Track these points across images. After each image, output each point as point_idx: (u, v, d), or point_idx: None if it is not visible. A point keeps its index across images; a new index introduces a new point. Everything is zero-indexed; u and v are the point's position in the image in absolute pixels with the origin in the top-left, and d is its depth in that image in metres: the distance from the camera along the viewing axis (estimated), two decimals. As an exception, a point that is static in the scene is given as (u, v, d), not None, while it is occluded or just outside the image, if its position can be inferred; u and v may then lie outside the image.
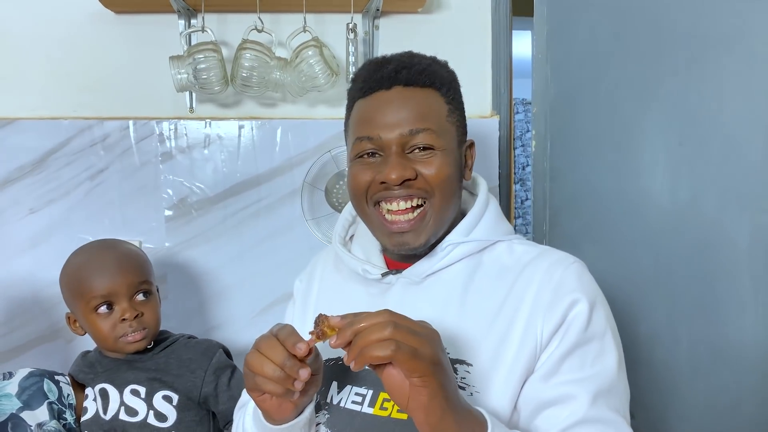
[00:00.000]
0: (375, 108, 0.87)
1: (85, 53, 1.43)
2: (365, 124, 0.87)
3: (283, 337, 0.73)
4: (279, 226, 1.44)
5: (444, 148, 0.87)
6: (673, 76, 1.34)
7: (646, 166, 1.37)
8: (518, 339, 0.82)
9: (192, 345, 1.21)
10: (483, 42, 1.46)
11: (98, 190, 1.42)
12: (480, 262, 0.90)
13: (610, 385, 0.80)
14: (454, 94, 0.92)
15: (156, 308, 1.16)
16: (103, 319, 1.11)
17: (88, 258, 1.15)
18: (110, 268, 1.12)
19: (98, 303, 1.11)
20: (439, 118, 0.87)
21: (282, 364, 0.71)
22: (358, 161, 0.89)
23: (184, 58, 1.30)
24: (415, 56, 0.90)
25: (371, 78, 0.89)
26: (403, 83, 0.87)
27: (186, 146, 1.44)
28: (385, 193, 0.86)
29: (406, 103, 0.86)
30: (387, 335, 0.65)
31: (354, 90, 0.93)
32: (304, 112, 1.45)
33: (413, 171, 0.85)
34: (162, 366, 1.16)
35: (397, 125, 0.85)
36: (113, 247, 1.18)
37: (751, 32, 1.29)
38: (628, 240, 1.39)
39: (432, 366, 0.67)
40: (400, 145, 0.85)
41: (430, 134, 0.85)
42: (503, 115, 1.45)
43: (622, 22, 1.36)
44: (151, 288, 1.16)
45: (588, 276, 0.87)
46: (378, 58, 0.92)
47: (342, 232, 1.03)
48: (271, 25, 1.37)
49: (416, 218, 0.86)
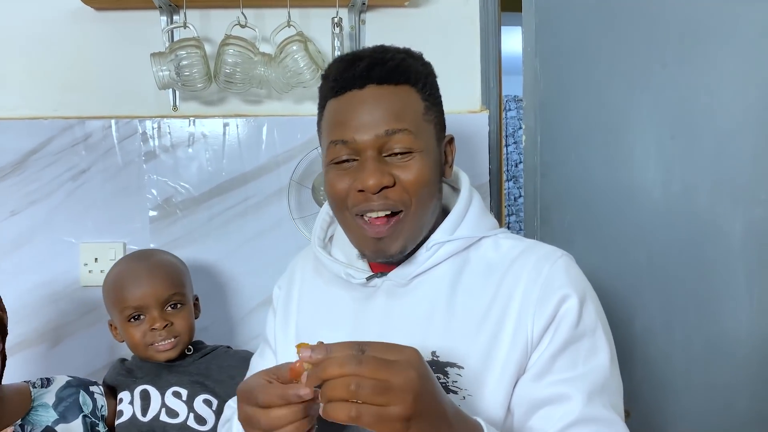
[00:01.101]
0: (348, 109, 0.83)
1: (65, 51, 1.41)
2: (339, 127, 0.83)
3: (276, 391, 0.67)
4: (266, 225, 1.42)
5: (422, 149, 0.83)
6: (663, 68, 1.33)
7: (637, 159, 1.36)
8: (509, 338, 0.80)
9: (232, 354, 1.24)
10: (471, 35, 1.44)
11: (81, 191, 1.40)
12: (467, 260, 0.88)
13: (603, 382, 0.78)
14: (431, 89, 0.88)
15: (188, 317, 1.18)
16: (134, 327, 1.15)
17: (122, 269, 1.18)
18: (141, 279, 1.15)
19: (130, 313, 1.14)
20: (415, 117, 0.83)
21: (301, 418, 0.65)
22: (334, 167, 0.85)
23: (166, 55, 1.27)
24: (388, 51, 0.86)
25: (342, 77, 0.84)
26: (377, 81, 0.83)
27: (170, 145, 1.41)
28: (365, 205, 0.82)
29: (381, 102, 0.82)
30: (347, 395, 0.58)
31: (325, 88, 0.88)
32: (290, 108, 1.43)
33: (391, 177, 0.82)
34: (203, 371, 1.18)
35: (372, 127, 0.81)
36: (146, 258, 1.21)
37: (743, 22, 1.28)
38: (620, 234, 1.38)
39: (404, 422, 0.59)
40: (376, 148, 0.81)
41: (407, 135, 0.82)
42: (493, 110, 1.43)
43: (611, 13, 1.35)
44: (182, 299, 1.18)
45: (576, 269, 0.86)
46: (349, 54, 0.88)
47: (321, 234, 0.99)
48: (254, 20, 1.34)
49: (393, 224, 0.83)
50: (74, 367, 1.37)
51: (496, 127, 1.44)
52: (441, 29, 1.43)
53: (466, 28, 1.44)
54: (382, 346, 0.63)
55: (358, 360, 0.59)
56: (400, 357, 0.62)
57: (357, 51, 0.88)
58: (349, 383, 0.58)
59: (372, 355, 0.61)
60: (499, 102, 1.46)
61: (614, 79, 1.35)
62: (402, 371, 0.60)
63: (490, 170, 1.44)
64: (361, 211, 0.83)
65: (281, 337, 0.98)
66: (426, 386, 0.62)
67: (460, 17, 1.44)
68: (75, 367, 1.37)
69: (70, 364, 1.39)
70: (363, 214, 0.84)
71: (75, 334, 1.40)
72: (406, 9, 1.42)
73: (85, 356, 1.39)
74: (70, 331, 1.40)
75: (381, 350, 0.62)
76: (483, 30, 1.43)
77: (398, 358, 0.61)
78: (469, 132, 1.42)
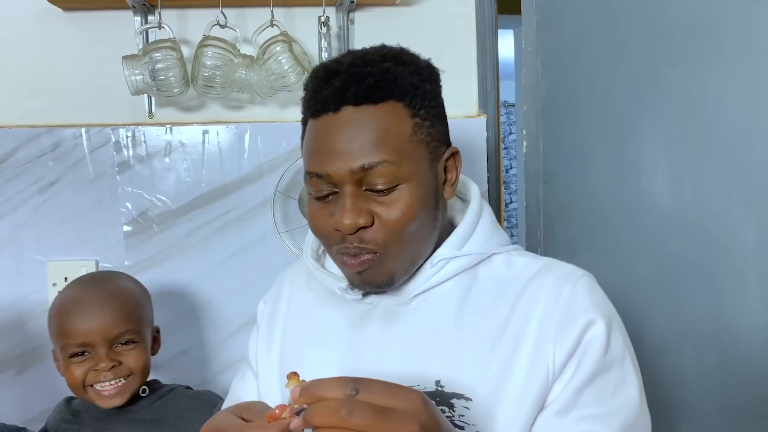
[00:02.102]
0: (322, 137, 0.74)
1: (31, 54, 1.34)
2: (314, 157, 0.75)
3: None
4: (249, 239, 1.35)
5: (409, 177, 0.74)
6: (671, 69, 1.28)
7: (645, 165, 1.31)
8: (525, 367, 0.72)
9: (191, 395, 1.12)
10: (467, 36, 1.38)
11: (49, 205, 1.33)
12: (475, 278, 0.80)
13: (634, 417, 0.72)
14: (423, 99, 0.77)
15: (141, 356, 1.04)
16: (76, 365, 1.02)
17: (68, 297, 1.05)
18: (88, 311, 1.02)
19: (73, 350, 1.02)
20: (399, 142, 0.73)
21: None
22: (313, 200, 0.78)
23: (140, 58, 1.20)
24: (370, 62, 0.75)
25: (317, 96, 0.75)
26: (353, 102, 0.73)
27: (145, 155, 1.34)
28: (342, 246, 0.75)
29: (357, 129, 0.72)
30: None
31: (304, 104, 0.80)
32: (275, 114, 1.37)
33: (369, 216, 0.73)
34: (159, 417, 1.06)
35: (347, 159, 0.72)
36: (99, 284, 1.08)
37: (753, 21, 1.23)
38: (628, 245, 1.33)
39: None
40: (353, 182, 0.73)
41: (388, 167, 0.72)
42: (491, 114, 1.38)
43: (615, 10, 1.30)
44: (136, 336, 1.05)
45: (600, 292, 0.79)
46: (327, 64, 0.78)
47: (314, 245, 0.91)
48: (235, 20, 1.28)
49: (367, 263, 0.75)
50: (41, 396, 1.30)
51: (495, 133, 1.38)
52: (435, 30, 1.38)
53: (462, 28, 1.39)
54: (382, 388, 0.54)
55: (350, 409, 0.51)
56: (402, 405, 0.54)
57: (334, 61, 0.78)
58: None
59: (367, 402, 0.52)
60: (497, 106, 1.40)
61: (620, 81, 1.30)
62: (402, 425, 0.52)
63: (488, 178, 1.39)
64: (338, 250, 0.76)
65: (263, 357, 0.91)
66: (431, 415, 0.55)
67: (456, 17, 1.39)
68: (42, 396, 1.30)
69: (37, 392, 1.31)
70: (341, 255, 0.77)
71: (43, 360, 1.31)
72: (397, 8, 1.36)
73: (54, 384, 1.28)
74: (38, 357, 1.32)
75: (379, 393, 0.54)
76: (479, 29, 1.38)
77: (399, 405, 0.53)
78: (465, 138, 1.36)
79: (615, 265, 1.33)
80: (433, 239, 0.80)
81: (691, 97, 1.27)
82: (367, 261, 0.75)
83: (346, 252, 0.75)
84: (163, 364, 1.26)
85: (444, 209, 0.82)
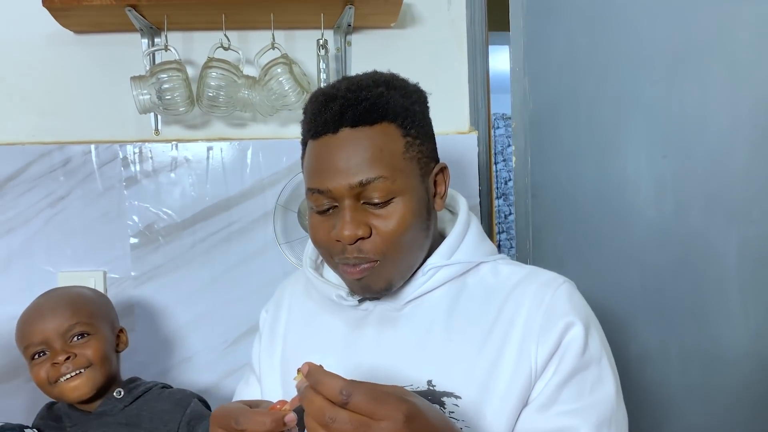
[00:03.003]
0: (322, 156, 0.80)
1: (43, 75, 1.38)
2: (315, 175, 0.80)
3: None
4: (251, 250, 1.39)
5: (403, 191, 0.79)
6: (653, 87, 1.31)
7: (629, 179, 1.34)
8: (510, 367, 0.77)
9: (166, 395, 1.15)
10: (459, 56, 1.43)
11: (59, 218, 1.36)
12: (464, 285, 0.85)
13: (611, 412, 0.76)
14: (414, 120, 0.82)
15: (98, 347, 1.08)
16: (39, 365, 1.06)
17: (27, 308, 1.12)
18: (41, 313, 1.08)
19: (34, 350, 1.07)
20: (393, 159, 0.79)
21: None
22: (314, 214, 0.83)
23: (147, 78, 1.25)
24: (364, 87, 0.80)
25: (317, 120, 0.81)
26: (350, 124, 0.78)
27: (152, 170, 1.38)
28: (342, 257, 0.80)
29: (355, 148, 0.78)
30: None
31: (304, 127, 0.85)
32: (276, 131, 1.41)
33: (367, 228, 0.78)
34: (134, 419, 1.10)
35: (347, 176, 0.77)
36: (52, 292, 1.14)
37: (732, 38, 1.27)
38: (613, 255, 1.35)
39: None
40: (352, 196, 0.78)
41: (383, 182, 0.77)
42: (482, 130, 1.42)
43: (599, 30, 1.34)
44: (89, 328, 1.09)
45: (579, 297, 0.83)
46: (325, 90, 0.83)
47: (313, 255, 0.96)
48: (238, 42, 1.32)
49: (366, 268, 0.80)
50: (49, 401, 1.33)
51: (485, 148, 1.42)
52: (428, 50, 1.42)
53: (454, 49, 1.43)
54: (372, 396, 0.59)
55: (333, 416, 0.58)
56: (388, 413, 0.59)
57: (331, 87, 0.83)
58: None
59: (349, 414, 0.58)
60: (488, 122, 1.44)
61: (604, 98, 1.34)
62: (393, 408, 0.58)
63: (480, 191, 1.42)
64: (339, 260, 0.81)
65: (266, 363, 0.95)
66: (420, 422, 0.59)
67: (448, 38, 1.43)
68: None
69: (45, 399, 1.31)
70: (341, 265, 0.82)
71: (52, 367, 1.34)
72: (392, 30, 1.41)
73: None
74: (48, 364, 1.34)
75: (367, 402, 0.58)
76: (470, 50, 1.42)
77: (385, 415, 0.58)
78: (458, 153, 1.40)
79: (601, 275, 1.35)
80: (425, 248, 0.85)
81: (672, 114, 1.30)
82: (366, 269, 0.79)
83: (346, 262, 0.80)
84: (169, 370, 1.31)
85: (435, 220, 0.87)
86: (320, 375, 0.61)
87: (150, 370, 1.35)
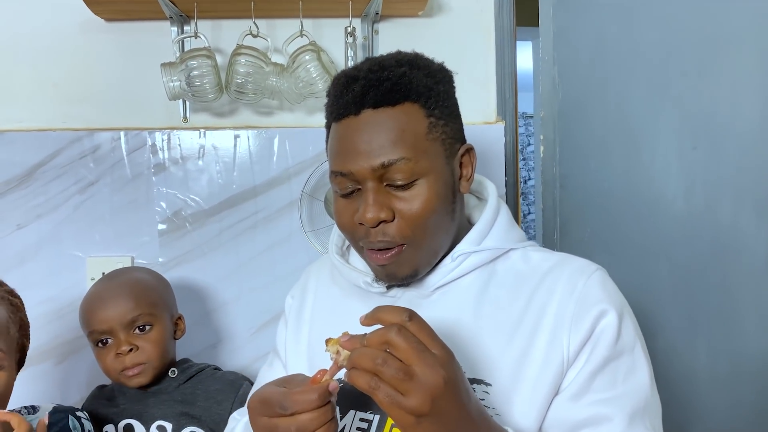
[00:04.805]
0: (345, 138, 0.79)
1: (74, 62, 1.39)
2: (338, 157, 0.80)
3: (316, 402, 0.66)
4: (277, 238, 1.39)
5: (427, 172, 0.78)
6: (684, 77, 1.30)
7: (658, 170, 1.32)
8: (542, 355, 0.76)
9: (218, 376, 1.19)
10: (486, 45, 1.42)
11: (88, 204, 1.37)
12: (493, 272, 0.85)
13: (645, 402, 0.75)
14: (437, 100, 0.80)
15: (158, 341, 1.12)
16: (103, 352, 1.11)
17: (90, 292, 1.15)
18: (106, 301, 1.11)
19: (97, 338, 1.11)
20: (416, 140, 0.78)
21: (328, 417, 0.66)
22: (338, 198, 0.83)
23: (177, 65, 1.26)
24: (386, 68, 0.79)
25: (339, 102, 0.80)
26: (372, 105, 0.77)
27: (180, 157, 1.39)
28: (366, 240, 0.80)
29: (377, 129, 0.77)
30: (371, 367, 0.60)
31: (327, 109, 0.85)
32: (302, 120, 1.41)
33: (390, 211, 0.78)
34: (189, 398, 1.13)
35: (369, 157, 0.77)
36: (115, 277, 1.16)
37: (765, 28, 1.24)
38: (641, 248, 1.34)
39: (415, 417, 0.59)
40: (375, 178, 0.77)
41: (407, 163, 0.76)
42: (509, 121, 1.41)
43: (630, 21, 1.32)
44: (151, 320, 1.12)
45: (612, 284, 0.82)
46: (347, 72, 0.83)
47: (339, 241, 0.96)
48: (266, 30, 1.32)
49: (393, 254, 0.80)
50: (79, 384, 1.36)
51: (512, 138, 1.41)
52: (455, 40, 1.42)
53: (481, 39, 1.42)
54: (428, 331, 0.64)
55: (384, 360, 0.60)
56: (437, 351, 0.62)
57: (353, 68, 0.82)
58: (376, 356, 0.60)
59: (411, 334, 0.62)
60: (515, 113, 1.43)
61: (633, 89, 1.32)
62: (431, 367, 0.60)
63: (506, 182, 1.41)
64: (364, 243, 0.81)
65: (292, 349, 0.95)
66: (450, 392, 0.61)
67: (475, 27, 1.42)
68: (80, 384, 1.36)
69: (75, 381, 1.36)
70: (366, 246, 0.82)
71: (81, 350, 1.36)
72: (419, 19, 1.40)
73: (91, 373, 1.34)
74: (76, 348, 1.37)
75: (425, 333, 0.63)
76: (498, 40, 1.41)
77: (435, 351, 0.62)
78: (484, 144, 1.39)
79: (628, 267, 1.34)
80: (452, 232, 0.84)
81: (703, 105, 1.29)
82: (392, 256, 0.79)
83: (371, 246, 0.80)
84: (195, 356, 1.31)
85: (461, 203, 0.86)
86: (380, 308, 0.65)
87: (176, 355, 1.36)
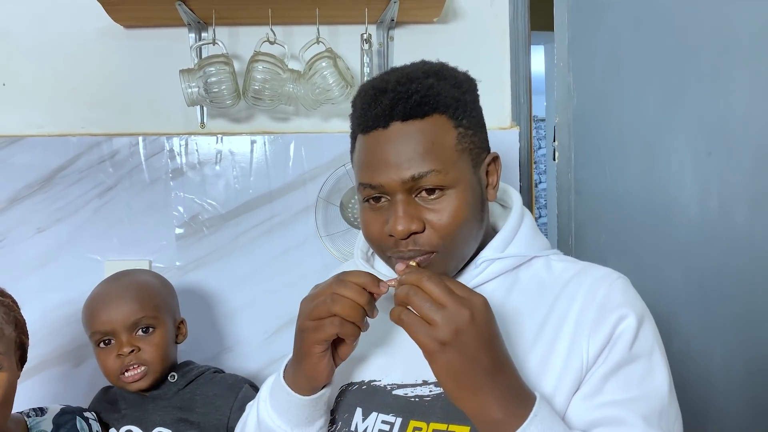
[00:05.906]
0: (373, 151, 0.79)
1: (93, 68, 1.41)
2: (367, 170, 0.80)
3: (363, 281, 0.75)
4: (293, 243, 1.40)
5: (456, 184, 0.78)
6: (699, 83, 1.30)
7: (673, 176, 1.33)
8: (562, 361, 0.76)
9: (218, 380, 1.18)
10: (501, 51, 1.42)
11: (107, 208, 1.39)
12: (516, 279, 0.85)
13: (661, 408, 0.74)
14: (465, 110, 0.81)
15: (160, 344, 1.12)
16: (104, 353, 1.11)
17: (94, 292, 1.15)
18: (109, 302, 1.11)
19: (99, 338, 1.11)
20: (445, 152, 0.78)
21: (366, 304, 0.74)
22: (367, 206, 0.82)
23: (195, 71, 1.27)
24: (414, 80, 0.78)
25: (366, 114, 0.80)
26: (401, 118, 0.77)
27: (197, 162, 1.40)
28: (396, 251, 0.80)
29: (406, 142, 0.77)
30: (401, 298, 0.68)
31: (353, 121, 0.85)
32: (318, 125, 1.42)
33: (420, 223, 0.77)
34: (187, 403, 1.13)
35: (398, 170, 0.77)
36: (119, 278, 1.17)
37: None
38: (656, 253, 1.34)
39: (439, 345, 0.66)
40: (404, 191, 0.77)
41: (436, 175, 0.76)
42: (523, 126, 1.41)
43: (645, 27, 1.33)
44: (154, 322, 1.12)
45: (633, 291, 0.82)
46: (375, 83, 0.82)
47: (364, 247, 0.96)
48: (283, 37, 1.34)
49: (424, 260, 0.80)
50: (97, 387, 1.34)
51: (527, 144, 1.42)
52: (470, 45, 1.42)
53: (496, 44, 1.43)
54: (459, 282, 0.70)
55: (428, 276, 0.68)
56: (466, 295, 0.68)
57: (380, 80, 0.82)
58: (407, 289, 0.68)
59: (440, 279, 0.69)
60: (530, 118, 1.43)
61: (649, 94, 1.32)
62: (459, 304, 0.66)
63: (520, 188, 1.41)
64: (393, 254, 0.81)
65: None
66: (475, 330, 0.66)
67: (490, 33, 1.43)
68: (98, 387, 1.34)
69: (92, 384, 1.34)
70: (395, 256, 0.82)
71: (98, 353, 1.37)
72: (435, 25, 1.41)
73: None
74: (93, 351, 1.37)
75: (455, 283, 0.70)
76: (513, 46, 1.41)
77: (464, 295, 0.68)
78: (499, 149, 1.36)
79: (644, 272, 1.31)
80: (479, 239, 0.84)
81: (718, 111, 1.29)
82: (423, 261, 0.79)
83: (401, 256, 0.79)
84: (209, 360, 1.33)
85: (488, 211, 0.86)
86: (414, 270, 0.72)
87: (192, 359, 1.36)
